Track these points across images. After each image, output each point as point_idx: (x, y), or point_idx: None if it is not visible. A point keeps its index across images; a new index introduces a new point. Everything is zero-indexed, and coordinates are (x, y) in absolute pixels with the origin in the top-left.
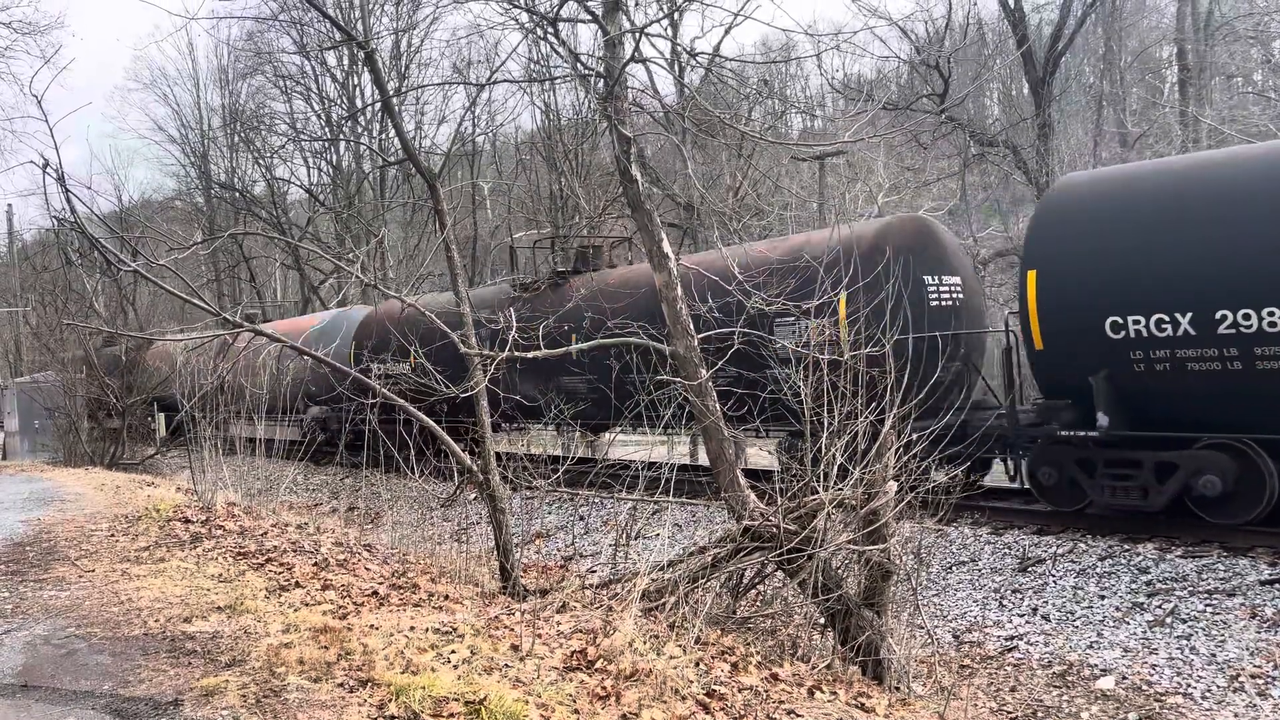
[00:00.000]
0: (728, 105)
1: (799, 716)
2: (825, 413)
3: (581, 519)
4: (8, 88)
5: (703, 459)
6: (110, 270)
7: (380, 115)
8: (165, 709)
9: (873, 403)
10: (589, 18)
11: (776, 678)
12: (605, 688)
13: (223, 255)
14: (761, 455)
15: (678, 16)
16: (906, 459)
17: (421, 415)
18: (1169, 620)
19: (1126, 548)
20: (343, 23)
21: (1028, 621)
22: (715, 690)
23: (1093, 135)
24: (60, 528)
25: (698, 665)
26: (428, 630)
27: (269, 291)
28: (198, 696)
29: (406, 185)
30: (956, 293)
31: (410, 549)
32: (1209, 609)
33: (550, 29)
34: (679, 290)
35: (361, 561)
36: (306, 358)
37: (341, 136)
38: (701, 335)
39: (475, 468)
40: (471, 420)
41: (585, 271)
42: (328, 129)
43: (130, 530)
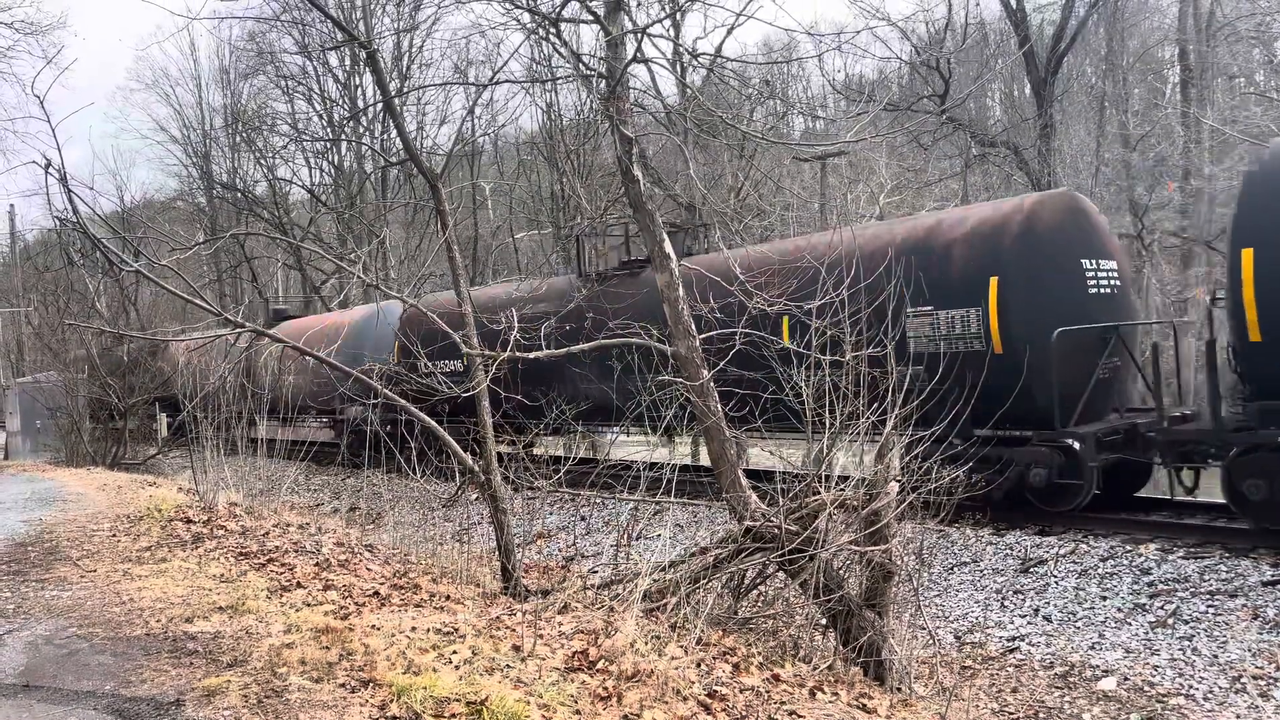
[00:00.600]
0: (729, 106)
1: (800, 717)
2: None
3: (583, 519)
4: (10, 88)
5: (704, 459)
6: (112, 270)
7: (382, 115)
8: (167, 709)
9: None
10: (591, 18)
11: (778, 678)
12: (607, 688)
13: (224, 256)
14: (763, 455)
15: (680, 17)
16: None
17: (424, 417)
18: (1171, 621)
19: (1128, 548)
20: (344, 23)
21: (1029, 622)
22: (717, 691)
23: (1095, 136)
24: (62, 528)
25: (699, 666)
26: (429, 631)
27: (270, 292)
28: (199, 696)
29: (408, 185)
30: (1114, 279)
31: (412, 549)
32: (1211, 610)
33: (552, 29)
34: (680, 290)
35: (363, 562)
36: (334, 352)
37: (343, 137)
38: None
39: (477, 468)
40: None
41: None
42: (329, 129)
43: (132, 530)
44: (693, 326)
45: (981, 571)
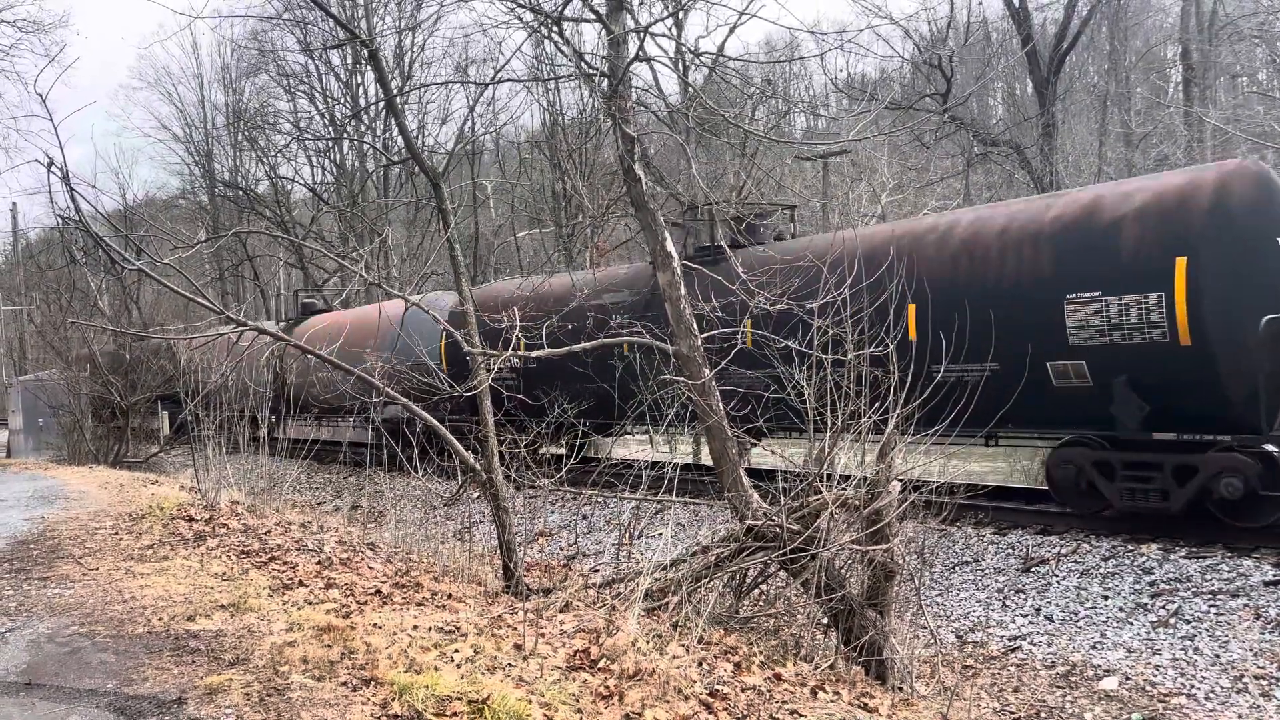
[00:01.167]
0: (732, 104)
1: (802, 716)
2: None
3: (584, 518)
4: (12, 86)
5: (706, 458)
6: (114, 269)
7: (384, 114)
8: (169, 707)
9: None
10: (593, 17)
11: (779, 677)
12: (608, 687)
13: (226, 254)
14: (764, 455)
15: (682, 15)
16: None
17: (430, 420)
18: (1173, 621)
19: (1130, 548)
20: (346, 22)
21: (1031, 622)
22: (718, 690)
23: (1097, 135)
24: (64, 526)
25: (701, 665)
26: (431, 629)
27: (272, 290)
28: (201, 695)
29: (410, 184)
30: None
31: (413, 548)
32: (1213, 610)
33: (554, 28)
34: (682, 290)
35: (365, 560)
36: (372, 347)
37: (345, 135)
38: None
39: (479, 466)
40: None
41: (747, 245)
42: (331, 128)
43: (134, 528)
44: (694, 325)
45: (983, 571)
